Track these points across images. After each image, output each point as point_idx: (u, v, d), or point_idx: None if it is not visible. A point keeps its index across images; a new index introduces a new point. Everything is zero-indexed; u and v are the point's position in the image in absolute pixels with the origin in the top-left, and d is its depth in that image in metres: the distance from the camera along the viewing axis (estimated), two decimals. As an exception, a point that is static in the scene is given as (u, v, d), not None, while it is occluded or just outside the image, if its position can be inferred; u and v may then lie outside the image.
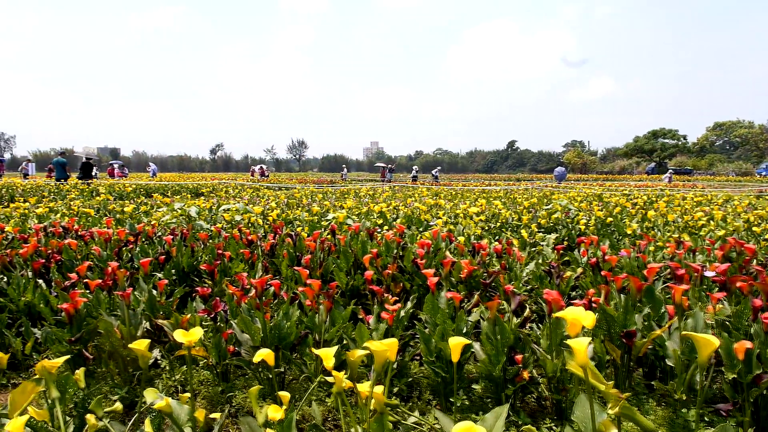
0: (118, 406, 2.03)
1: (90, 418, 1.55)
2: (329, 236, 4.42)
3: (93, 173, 20.16)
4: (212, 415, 1.66)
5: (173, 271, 3.89)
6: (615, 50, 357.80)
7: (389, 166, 38.24)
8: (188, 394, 1.72)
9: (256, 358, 1.63)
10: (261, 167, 39.52)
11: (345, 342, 2.57)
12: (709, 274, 2.83)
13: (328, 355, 1.62)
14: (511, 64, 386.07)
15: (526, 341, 2.33)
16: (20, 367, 2.86)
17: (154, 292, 2.99)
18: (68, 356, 1.81)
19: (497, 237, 5.73)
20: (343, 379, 1.57)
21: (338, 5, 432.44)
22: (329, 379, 1.79)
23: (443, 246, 3.96)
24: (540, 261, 3.86)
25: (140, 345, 1.71)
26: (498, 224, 6.52)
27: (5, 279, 3.35)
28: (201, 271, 4.02)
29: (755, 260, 3.47)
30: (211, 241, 4.44)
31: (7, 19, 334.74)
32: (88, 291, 3.01)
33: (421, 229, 6.08)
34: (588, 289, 3.42)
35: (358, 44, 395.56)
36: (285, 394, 1.68)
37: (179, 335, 1.56)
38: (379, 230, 5.14)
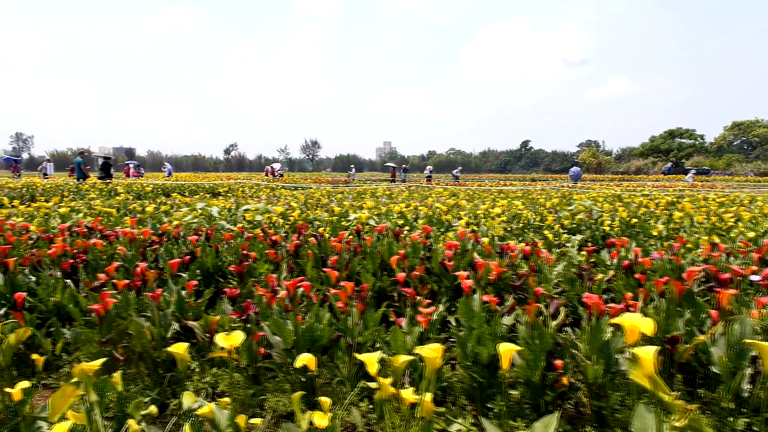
0: (153, 409, 2.00)
1: (132, 423, 1.52)
2: (353, 237, 4.38)
3: (111, 173, 20.34)
4: (252, 420, 1.62)
5: (198, 271, 3.87)
6: (630, 49, 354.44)
7: (404, 165, 38.15)
8: (228, 399, 1.69)
9: (298, 363, 1.59)
10: (272, 167, 39.51)
11: (378, 345, 2.52)
12: (754, 278, 2.75)
13: (371, 360, 1.58)
14: (524, 64, 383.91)
15: (565, 346, 2.27)
16: (50, 368, 2.85)
17: (183, 292, 2.97)
18: (105, 359, 1.78)
19: (520, 238, 5.66)
20: (389, 386, 1.52)
21: (352, 5, 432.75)
22: (371, 384, 1.75)
23: (470, 247, 3.91)
24: (568, 263, 3.79)
25: (179, 348, 1.68)
26: (520, 225, 6.45)
27: (34, 279, 3.34)
28: (226, 272, 4.01)
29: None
30: (234, 241, 4.42)
31: (26, 21, 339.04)
32: (116, 291, 2.99)
33: (442, 230, 6.02)
34: (621, 292, 3.35)
35: (372, 44, 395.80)
36: (325, 400, 1.64)
37: (221, 339, 1.53)
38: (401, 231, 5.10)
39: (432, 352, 1.40)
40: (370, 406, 2.34)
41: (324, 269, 3.88)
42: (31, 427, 1.77)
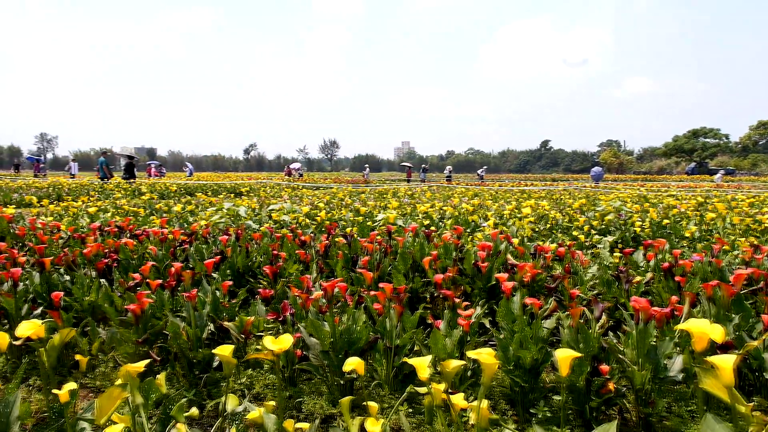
0: (194, 411, 1.99)
1: (181, 428, 1.50)
2: (384, 237, 4.34)
3: (134, 173, 20.61)
4: (299, 425, 1.59)
5: (228, 271, 3.87)
6: (651, 48, 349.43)
7: (423, 166, 38.09)
8: (273, 402, 1.66)
9: (347, 367, 1.56)
10: (290, 166, 39.50)
11: (416, 348, 2.48)
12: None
13: (422, 365, 1.53)
14: (543, 63, 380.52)
15: (612, 351, 2.21)
16: (86, 367, 2.85)
17: (217, 293, 2.95)
18: (148, 360, 1.77)
19: (549, 239, 5.58)
20: (441, 391, 1.48)
21: (371, 5, 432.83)
22: (420, 389, 1.71)
23: (502, 248, 3.85)
24: (603, 264, 3.71)
25: (224, 351, 1.65)
26: (548, 226, 6.36)
27: (68, 278, 3.36)
28: (256, 272, 4.00)
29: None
30: (263, 241, 4.41)
31: (48, 23, 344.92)
32: (150, 291, 2.99)
33: (468, 231, 5.96)
34: (660, 295, 3.27)
35: (391, 44, 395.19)
36: (373, 405, 1.61)
37: (269, 342, 1.50)
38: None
39: (489, 357, 1.35)
40: (409, 410, 2.29)
41: (354, 270, 3.85)
42: (74, 428, 1.76)
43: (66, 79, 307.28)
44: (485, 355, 1.35)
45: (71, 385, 1.62)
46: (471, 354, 1.43)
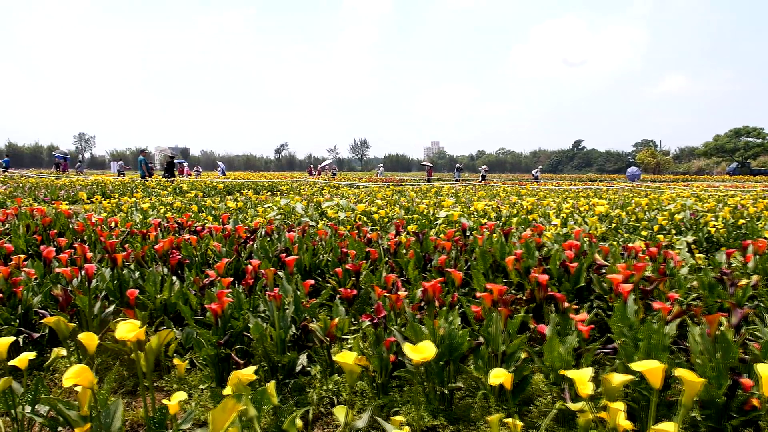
0: (298, 423, 1.81)
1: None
2: (460, 235, 4.14)
3: (174, 172, 20.88)
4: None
5: (294, 269, 3.71)
6: (688, 45, 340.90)
7: (458, 165, 37.82)
8: (401, 417, 1.47)
9: (494, 381, 1.35)
10: (310, 166, 39.17)
11: (524, 356, 2.27)
12: None
13: (582, 379, 1.33)
14: (577, 62, 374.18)
15: (756, 362, 1.96)
16: (160, 368, 2.71)
17: (298, 292, 2.79)
18: (256, 366, 1.59)
19: (621, 238, 5.30)
20: (616, 411, 1.27)
21: (401, 5, 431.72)
22: (571, 405, 1.50)
23: (587, 248, 3.60)
24: (704, 266, 3.44)
25: (347, 358, 1.46)
26: (612, 225, 6.07)
27: (138, 275, 3.24)
28: (323, 270, 3.85)
29: None
30: (328, 238, 4.25)
31: (82, 26, 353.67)
32: (227, 290, 2.84)
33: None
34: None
35: (420, 44, 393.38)
36: (518, 423, 1.41)
37: (410, 351, 1.31)
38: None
39: (692, 375, 1.13)
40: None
41: (427, 269, 3.65)
42: (177, 441, 1.60)
43: (102, 80, 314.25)
44: (688, 372, 1.14)
45: (181, 395, 1.45)
46: (639, 366, 1.21)
